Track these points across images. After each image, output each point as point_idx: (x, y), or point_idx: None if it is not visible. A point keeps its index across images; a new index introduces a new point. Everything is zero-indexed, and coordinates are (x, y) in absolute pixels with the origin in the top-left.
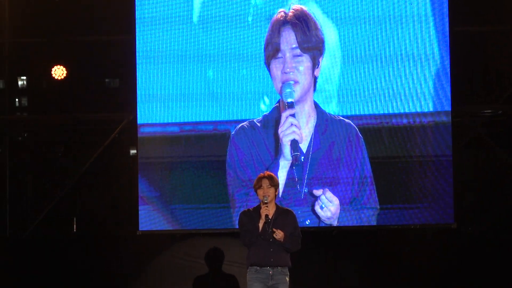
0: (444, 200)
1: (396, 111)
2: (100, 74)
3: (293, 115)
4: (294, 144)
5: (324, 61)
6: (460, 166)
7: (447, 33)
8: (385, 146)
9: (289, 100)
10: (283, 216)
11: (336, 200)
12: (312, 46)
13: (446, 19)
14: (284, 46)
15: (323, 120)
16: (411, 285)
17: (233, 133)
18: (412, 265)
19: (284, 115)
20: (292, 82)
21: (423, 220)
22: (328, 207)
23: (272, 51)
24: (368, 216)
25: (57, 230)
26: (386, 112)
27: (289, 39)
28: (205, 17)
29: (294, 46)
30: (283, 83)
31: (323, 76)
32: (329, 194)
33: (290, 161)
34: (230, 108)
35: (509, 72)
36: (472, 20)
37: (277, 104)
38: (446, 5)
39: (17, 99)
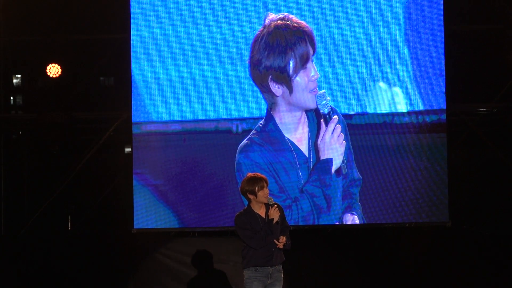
0: (439, 199)
1: (392, 110)
2: (95, 73)
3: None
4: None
5: (322, 62)
6: (455, 164)
7: (442, 32)
8: (380, 144)
9: (326, 111)
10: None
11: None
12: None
13: (441, 18)
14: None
15: (313, 121)
16: (406, 283)
17: (241, 145)
18: (407, 263)
19: (332, 125)
20: (324, 90)
21: (418, 219)
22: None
23: (301, 60)
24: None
25: (52, 228)
26: (381, 111)
27: (308, 48)
28: (202, 15)
29: (312, 53)
30: (311, 91)
31: (322, 77)
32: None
33: None
34: (230, 106)
35: (503, 71)
36: (467, 19)
37: (269, 111)
38: (441, 4)
39: (12, 97)
